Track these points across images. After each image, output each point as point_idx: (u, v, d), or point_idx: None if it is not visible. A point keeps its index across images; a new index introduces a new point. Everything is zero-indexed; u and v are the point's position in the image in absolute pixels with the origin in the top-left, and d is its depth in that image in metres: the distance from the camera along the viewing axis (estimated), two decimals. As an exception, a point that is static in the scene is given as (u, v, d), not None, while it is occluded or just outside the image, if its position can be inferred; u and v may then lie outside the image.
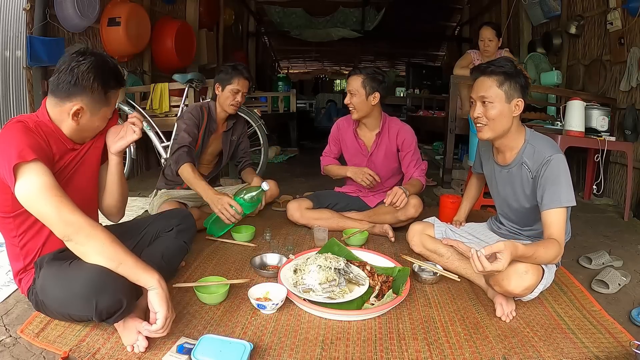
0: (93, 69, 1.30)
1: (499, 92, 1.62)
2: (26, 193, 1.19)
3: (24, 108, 3.02)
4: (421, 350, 1.36)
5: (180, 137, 2.33)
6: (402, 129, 2.47)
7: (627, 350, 1.36)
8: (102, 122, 1.43)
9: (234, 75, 2.43)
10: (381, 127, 2.43)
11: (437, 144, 5.87)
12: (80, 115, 1.33)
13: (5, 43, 2.87)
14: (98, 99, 1.34)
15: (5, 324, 1.44)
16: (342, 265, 1.69)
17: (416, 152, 2.48)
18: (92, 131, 1.43)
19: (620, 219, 2.99)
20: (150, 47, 4.40)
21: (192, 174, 2.22)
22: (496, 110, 1.63)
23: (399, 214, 2.36)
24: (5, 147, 1.20)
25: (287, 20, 8.44)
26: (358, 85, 2.30)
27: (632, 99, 3.31)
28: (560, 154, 1.61)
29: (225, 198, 2.07)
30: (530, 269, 1.47)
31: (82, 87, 1.30)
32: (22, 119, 1.30)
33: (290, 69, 12.56)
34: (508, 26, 5.54)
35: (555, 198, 1.56)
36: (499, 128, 1.66)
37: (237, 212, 2.06)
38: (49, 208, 1.19)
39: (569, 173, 1.60)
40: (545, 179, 1.59)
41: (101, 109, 1.37)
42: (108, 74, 1.34)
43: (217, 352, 1.23)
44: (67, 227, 1.19)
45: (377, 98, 2.32)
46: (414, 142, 2.48)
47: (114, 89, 1.38)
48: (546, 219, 1.58)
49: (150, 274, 1.25)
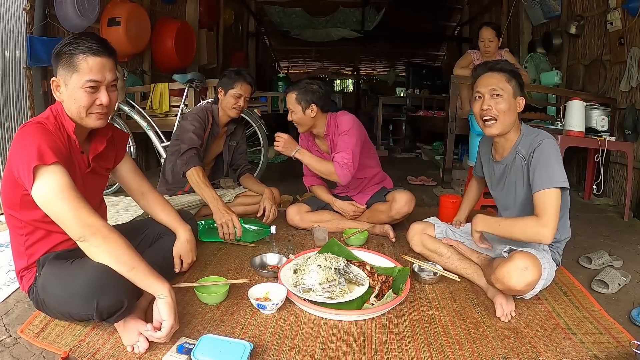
0: (67, 41, 1.30)
1: (508, 87, 1.67)
2: (44, 194, 1.19)
3: (24, 108, 3.01)
4: (421, 350, 1.36)
5: (188, 139, 2.32)
6: (339, 119, 2.37)
7: (627, 350, 1.36)
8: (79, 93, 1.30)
9: (237, 80, 2.44)
10: (326, 129, 2.40)
11: (437, 144, 5.87)
12: (60, 88, 1.32)
13: (5, 43, 2.86)
14: (66, 66, 1.29)
15: (5, 324, 1.44)
16: (342, 265, 1.69)
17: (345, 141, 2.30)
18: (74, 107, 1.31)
19: (620, 219, 2.98)
20: (150, 47, 4.40)
21: (202, 179, 2.22)
22: (506, 104, 1.66)
23: (392, 212, 2.36)
24: (24, 148, 1.21)
25: (287, 20, 8.44)
26: (293, 102, 2.31)
27: (632, 99, 3.31)
28: (551, 138, 1.63)
29: (233, 215, 2.08)
30: (530, 265, 1.48)
31: (56, 61, 1.30)
32: (41, 121, 1.30)
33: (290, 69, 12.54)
34: (508, 26, 5.54)
35: (546, 179, 1.55)
36: (507, 122, 1.68)
37: (236, 234, 2.08)
38: (66, 209, 1.20)
39: (560, 156, 1.60)
40: (536, 161, 1.59)
41: (72, 76, 1.29)
42: (79, 42, 1.29)
43: (217, 352, 1.23)
44: (84, 228, 1.20)
45: (315, 109, 2.30)
46: (348, 128, 2.31)
47: (81, 53, 1.28)
48: (537, 200, 1.56)
49: (161, 282, 1.26)
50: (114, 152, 1.56)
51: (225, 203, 2.17)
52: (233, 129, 2.64)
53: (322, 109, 2.33)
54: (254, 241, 2.25)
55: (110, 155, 1.55)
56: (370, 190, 2.53)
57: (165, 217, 1.67)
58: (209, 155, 2.61)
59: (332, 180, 2.34)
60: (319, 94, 2.30)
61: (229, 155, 2.68)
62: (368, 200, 2.52)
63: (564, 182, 1.54)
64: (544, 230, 1.50)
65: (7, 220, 1.37)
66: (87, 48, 1.28)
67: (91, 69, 1.29)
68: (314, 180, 2.57)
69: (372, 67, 12.54)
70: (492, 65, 1.71)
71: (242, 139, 2.75)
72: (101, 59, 1.31)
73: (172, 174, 2.56)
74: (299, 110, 2.31)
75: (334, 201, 2.52)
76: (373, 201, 2.50)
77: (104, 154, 1.50)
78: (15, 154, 1.23)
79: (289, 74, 11.34)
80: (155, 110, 3.78)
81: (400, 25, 8.58)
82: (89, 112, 1.34)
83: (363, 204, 2.52)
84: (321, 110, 2.33)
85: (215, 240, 2.21)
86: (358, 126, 2.35)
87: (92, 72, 1.30)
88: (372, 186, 2.55)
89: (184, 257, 1.66)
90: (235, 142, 2.70)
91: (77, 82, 1.29)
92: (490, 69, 1.70)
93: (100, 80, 1.32)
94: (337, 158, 2.27)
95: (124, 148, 1.63)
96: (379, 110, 6.60)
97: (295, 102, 2.30)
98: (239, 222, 2.08)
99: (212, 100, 2.96)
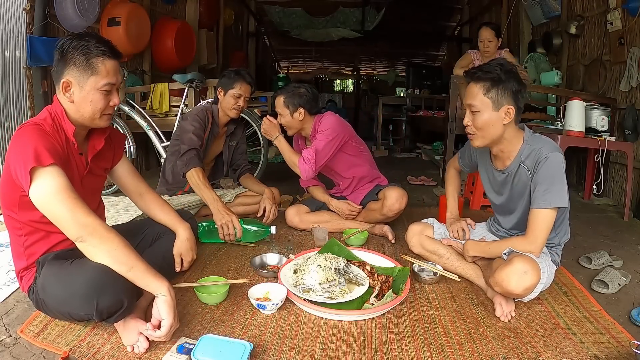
0: (75, 40, 1.30)
1: (486, 100, 1.57)
2: (41, 195, 1.19)
3: (24, 108, 3.02)
4: (421, 350, 1.36)
5: (188, 139, 2.32)
6: (322, 120, 2.39)
7: (627, 350, 1.36)
8: (96, 95, 1.33)
9: (237, 80, 2.44)
10: (312, 130, 2.42)
11: (437, 144, 5.87)
12: (71, 89, 1.33)
13: (5, 43, 2.87)
14: (82, 68, 1.30)
15: (5, 324, 1.44)
16: (342, 265, 1.69)
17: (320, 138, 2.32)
18: (89, 109, 1.34)
19: (620, 219, 2.98)
20: (150, 47, 4.40)
21: (202, 180, 2.22)
22: (483, 119, 1.59)
23: (384, 210, 2.36)
24: (21, 150, 1.21)
25: (287, 20, 8.44)
26: (281, 106, 2.35)
27: (632, 99, 3.31)
28: (558, 153, 1.58)
29: (233, 216, 2.09)
30: (530, 269, 1.47)
31: (65, 60, 1.31)
32: (38, 122, 1.30)
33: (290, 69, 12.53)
34: (508, 26, 5.54)
35: (545, 198, 1.54)
36: (489, 136, 1.62)
37: (236, 235, 2.09)
38: (63, 209, 1.20)
39: (564, 174, 1.57)
40: (539, 177, 1.57)
41: (89, 79, 1.31)
42: (90, 43, 1.31)
43: (217, 352, 1.23)
44: (81, 229, 1.20)
45: (303, 113, 2.33)
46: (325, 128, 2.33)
47: (98, 56, 1.31)
48: (531, 216, 1.57)
49: (160, 281, 1.26)
50: (112, 151, 1.57)
51: (225, 204, 2.17)
52: (233, 129, 2.64)
53: (309, 112, 2.37)
54: (254, 242, 2.25)
55: (108, 155, 1.55)
56: (364, 189, 2.54)
57: (164, 216, 1.67)
58: (209, 156, 2.61)
59: (296, 173, 2.39)
60: (306, 97, 2.34)
61: (228, 156, 2.68)
62: (362, 199, 2.52)
63: (563, 202, 1.54)
64: (531, 247, 1.56)
65: (6, 221, 1.37)
66: (102, 51, 1.32)
67: (109, 72, 1.33)
68: (310, 181, 2.58)
69: (372, 67, 12.54)
70: (472, 74, 1.60)
71: (242, 139, 2.75)
72: (115, 62, 1.36)
73: (172, 174, 2.56)
74: (287, 113, 2.35)
75: (330, 201, 2.53)
76: (367, 200, 2.51)
77: (102, 154, 1.50)
78: (13, 155, 1.23)
79: (289, 74, 11.34)
80: (155, 110, 3.78)
81: (400, 25, 8.58)
82: (103, 113, 1.37)
83: (358, 203, 2.52)
84: (309, 112, 2.37)
85: (215, 241, 2.21)
86: (338, 126, 2.36)
87: (109, 75, 1.33)
88: (366, 184, 2.55)
89: (184, 255, 1.66)
90: (235, 142, 2.70)
91: (95, 85, 1.32)
92: (470, 79, 1.61)
93: (115, 82, 1.37)
94: (304, 153, 2.34)
95: (121, 148, 1.63)
96: (379, 110, 6.60)
97: (283, 106, 2.34)
98: (239, 223, 2.08)
99: (211, 100, 2.96)
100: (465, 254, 1.81)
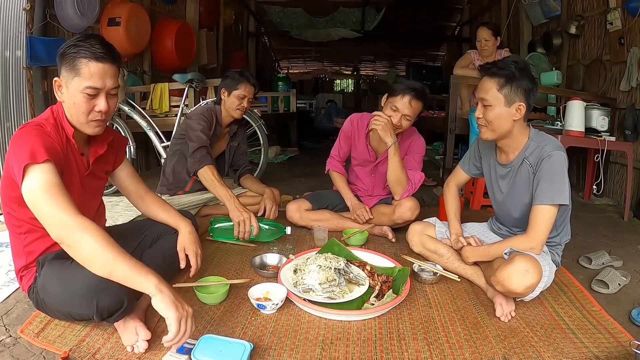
0: (75, 41, 1.29)
1: (499, 95, 1.59)
2: (30, 191, 1.18)
3: (24, 108, 3.02)
4: (421, 350, 1.36)
5: (197, 137, 2.31)
6: (415, 141, 2.44)
7: (627, 350, 1.36)
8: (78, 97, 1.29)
9: (241, 81, 2.45)
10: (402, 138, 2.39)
11: (437, 144, 5.86)
12: (62, 89, 1.32)
13: (5, 43, 2.87)
14: (69, 69, 1.28)
15: (5, 324, 1.44)
16: (342, 265, 1.69)
17: (418, 161, 2.41)
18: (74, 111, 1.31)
19: (620, 219, 2.99)
20: (150, 47, 4.40)
21: (217, 177, 2.22)
22: (494, 114, 1.62)
23: (394, 216, 2.35)
24: (20, 148, 1.21)
25: (287, 20, 8.44)
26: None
27: (632, 99, 3.31)
28: (561, 151, 1.60)
29: (251, 214, 2.09)
30: (531, 268, 1.47)
31: (60, 60, 1.30)
32: (40, 122, 1.30)
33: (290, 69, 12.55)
34: (508, 26, 5.54)
35: (547, 195, 1.56)
36: (498, 130, 1.65)
37: (252, 233, 2.08)
38: (46, 206, 1.17)
39: (566, 172, 1.59)
40: (542, 173, 1.59)
41: (73, 79, 1.28)
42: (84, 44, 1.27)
43: (217, 352, 1.23)
44: (58, 227, 1.16)
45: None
46: (421, 153, 2.43)
47: (83, 57, 1.26)
48: (532, 213, 1.59)
49: (146, 279, 1.14)
50: (114, 155, 1.57)
51: (240, 202, 2.17)
52: (235, 129, 2.65)
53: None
54: (268, 240, 2.21)
55: (110, 158, 1.55)
56: (382, 195, 2.55)
57: (165, 215, 1.66)
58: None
59: (391, 189, 2.35)
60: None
61: (230, 155, 2.68)
62: (376, 203, 2.53)
63: (565, 199, 1.55)
64: (532, 244, 1.58)
65: (6, 219, 1.37)
66: (90, 53, 1.27)
67: (92, 75, 1.28)
68: (340, 167, 2.55)
69: (372, 67, 12.55)
70: (487, 69, 1.63)
71: (243, 140, 2.76)
72: (103, 66, 1.29)
73: (172, 174, 2.56)
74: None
75: (352, 199, 2.47)
76: (378, 203, 2.50)
77: (104, 157, 1.50)
78: (12, 153, 1.23)
79: (289, 74, 11.34)
80: (155, 110, 3.78)
81: (400, 25, 8.58)
82: (89, 119, 1.33)
83: (371, 206, 2.51)
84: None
85: (228, 239, 2.19)
86: None
87: (92, 79, 1.28)
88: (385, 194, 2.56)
89: (188, 248, 1.61)
90: (236, 143, 2.70)
91: (77, 86, 1.28)
92: (485, 73, 1.64)
93: (100, 87, 1.30)
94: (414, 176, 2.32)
95: (123, 152, 1.63)
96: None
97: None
98: (256, 220, 2.08)
99: (213, 100, 2.96)
100: (465, 260, 1.81)
